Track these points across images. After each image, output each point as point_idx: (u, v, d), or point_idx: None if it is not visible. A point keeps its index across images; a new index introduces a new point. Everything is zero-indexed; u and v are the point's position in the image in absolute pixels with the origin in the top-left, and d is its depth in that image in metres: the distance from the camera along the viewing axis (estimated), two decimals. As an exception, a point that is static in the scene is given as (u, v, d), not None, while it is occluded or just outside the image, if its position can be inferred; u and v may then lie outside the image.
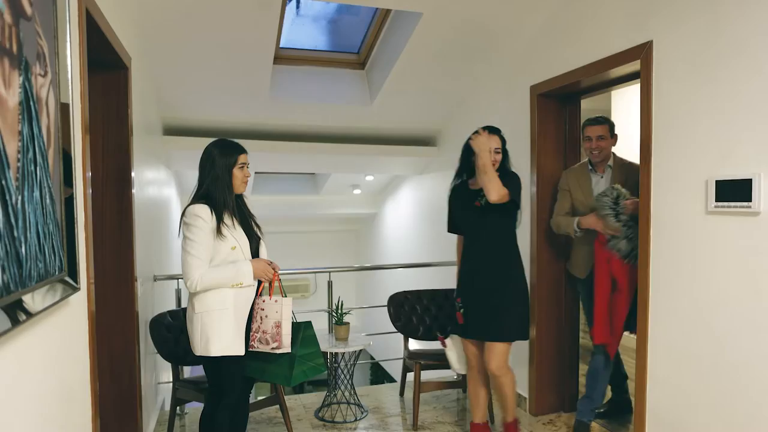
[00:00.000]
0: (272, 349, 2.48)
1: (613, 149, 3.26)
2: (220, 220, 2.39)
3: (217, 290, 2.39)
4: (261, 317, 2.51)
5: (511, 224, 2.94)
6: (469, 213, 3.01)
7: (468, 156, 2.99)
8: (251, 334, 2.52)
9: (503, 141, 2.94)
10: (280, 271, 2.61)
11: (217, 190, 2.41)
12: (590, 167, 3.25)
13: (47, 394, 1.43)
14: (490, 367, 2.93)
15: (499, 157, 2.91)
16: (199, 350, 2.42)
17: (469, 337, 3.03)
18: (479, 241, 2.98)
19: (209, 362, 2.46)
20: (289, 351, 2.52)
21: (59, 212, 1.42)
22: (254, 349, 2.51)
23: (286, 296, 2.55)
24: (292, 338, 2.55)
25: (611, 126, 3.20)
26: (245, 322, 2.49)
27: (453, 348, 3.18)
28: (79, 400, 1.74)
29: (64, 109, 1.49)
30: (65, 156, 1.50)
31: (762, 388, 2.16)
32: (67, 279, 1.48)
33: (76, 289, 1.56)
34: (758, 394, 2.17)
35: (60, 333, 1.55)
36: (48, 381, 1.44)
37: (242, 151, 2.49)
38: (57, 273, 1.38)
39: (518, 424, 3.15)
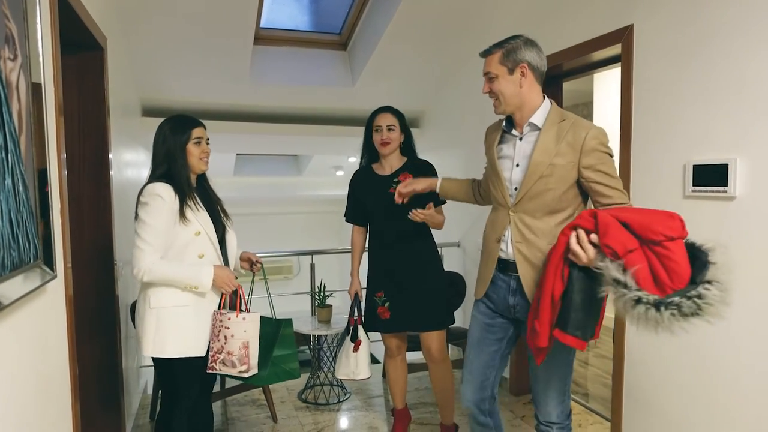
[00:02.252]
0: (239, 372, 2.20)
1: (550, 102, 2.04)
2: (183, 202, 2.14)
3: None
4: (225, 337, 2.18)
5: None
6: (385, 200, 2.76)
7: (370, 138, 2.86)
8: (212, 354, 2.20)
9: (399, 118, 2.80)
10: (260, 255, 2.51)
11: (173, 169, 2.17)
12: (504, 124, 2.12)
13: (25, 381, 1.42)
14: (431, 353, 2.87)
15: (392, 134, 2.77)
16: (150, 350, 2.15)
17: (397, 330, 2.91)
18: (397, 231, 2.80)
19: (162, 364, 2.20)
20: (257, 372, 2.27)
21: (33, 199, 1.39)
22: (215, 372, 2.22)
23: (249, 311, 2.28)
24: (270, 337, 2.35)
25: (506, 53, 1.99)
26: (208, 322, 2.22)
27: (364, 350, 2.96)
28: (58, 386, 1.73)
29: (36, 93, 1.46)
30: (39, 141, 1.47)
31: (735, 370, 2.21)
32: (43, 267, 1.46)
33: (52, 276, 1.54)
34: (732, 376, 2.23)
35: (37, 320, 1.54)
36: (25, 368, 1.43)
37: (196, 124, 2.24)
38: (32, 261, 1.36)
39: (457, 429, 3.09)
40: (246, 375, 2.22)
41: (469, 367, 2.21)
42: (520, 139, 2.04)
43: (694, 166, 2.31)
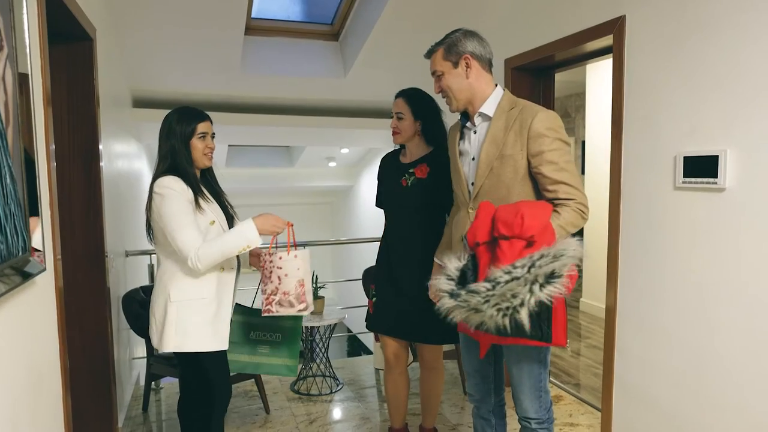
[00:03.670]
0: (299, 311, 2.14)
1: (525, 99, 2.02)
2: (195, 192, 2.10)
3: (198, 278, 2.10)
4: (279, 277, 2.12)
5: (444, 214, 2.48)
6: (395, 191, 2.53)
7: None
8: (265, 297, 2.14)
9: (412, 105, 2.49)
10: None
11: (178, 164, 2.12)
12: (461, 118, 2.10)
13: (15, 374, 1.41)
14: (424, 359, 2.65)
15: (401, 123, 2.48)
16: (171, 345, 2.09)
17: (381, 332, 2.63)
18: (401, 228, 2.53)
19: (189, 361, 2.16)
20: (313, 309, 2.25)
21: (21, 191, 1.38)
22: (271, 314, 2.15)
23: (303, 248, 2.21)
24: (294, 328, 2.35)
25: (447, 48, 1.98)
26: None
27: None
28: (49, 379, 1.73)
29: (23, 84, 1.44)
30: (26, 132, 1.45)
31: (725, 360, 2.23)
32: (32, 259, 1.45)
33: (41, 269, 1.53)
34: (722, 367, 2.25)
35: (26, 313, 1.53)
36: (15, 362, 1.42)
37: (203, 118, 2.17)
38: (20, 254, 1.36)
39: None
40: (305, 313, 2.16)
41: (466, 366, 2.21)
42: (475, 132, 2.00)
43: (684, 157, 2.31)
